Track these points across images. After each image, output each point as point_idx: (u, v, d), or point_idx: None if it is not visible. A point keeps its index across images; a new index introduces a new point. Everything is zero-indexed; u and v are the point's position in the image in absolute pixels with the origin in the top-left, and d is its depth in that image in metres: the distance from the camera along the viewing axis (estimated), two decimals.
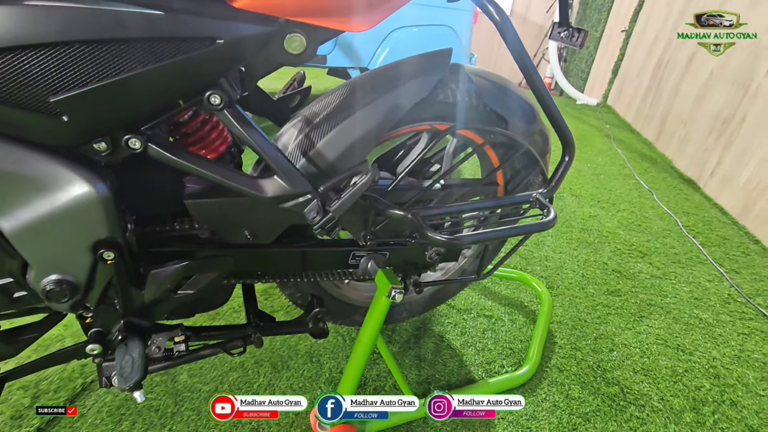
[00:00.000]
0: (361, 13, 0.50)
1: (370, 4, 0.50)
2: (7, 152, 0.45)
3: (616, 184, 2.30)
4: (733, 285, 1.48)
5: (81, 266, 0.53)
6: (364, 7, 0.50)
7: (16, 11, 0.38)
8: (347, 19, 0.51)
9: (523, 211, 0.76)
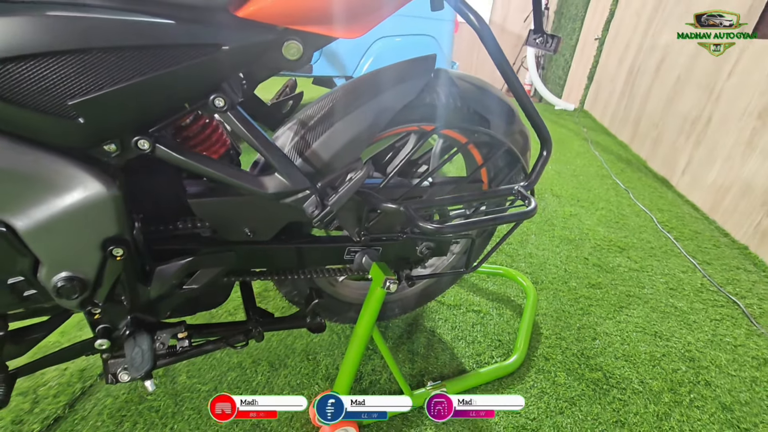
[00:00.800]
0: (353, 21, 0.55)
1: (361, 13, 0.55)
2: (24, 154, 0.48)
3: (594, 184, 2.40)
4: (706, 275, 1.56)
5: (91, 263, 0.55)
6: (355, 16, 0.55)
7: (39, 20, 0.41)
8: (340, 27, 0.55)
9: (509, 203, 0.81)
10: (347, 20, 0.54)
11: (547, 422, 0.93)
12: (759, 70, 1.95)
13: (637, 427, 0.94)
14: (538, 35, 0.87)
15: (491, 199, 0.84)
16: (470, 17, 0.65)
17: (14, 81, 0.42)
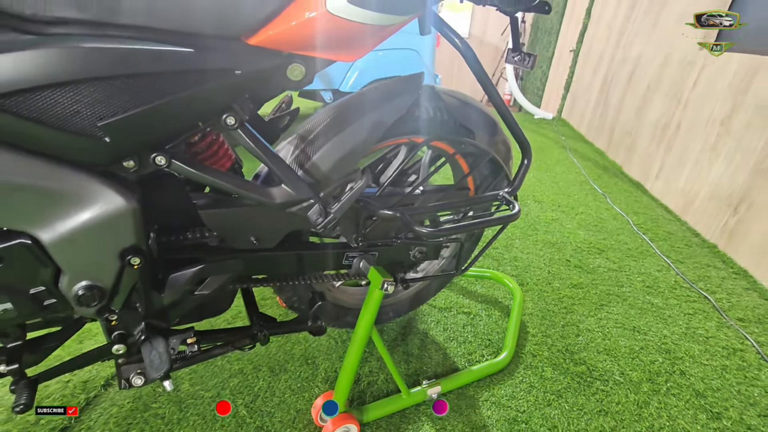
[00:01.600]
0: (351, 46, 0.61)
1: (358, 39, 0.61)
2: (52, 171, 0.51)
3: (573, 190, 2.50)
4: (679, 273, 1.66)
5: (110, 272, 0.59)
6: (353, 42, 0.60)
7: (73, 51, 0.46)
8: (340, 52, 0.61)
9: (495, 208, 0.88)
10: (346, 46, 0.60)
11: (536, 414, 0.99)
12: (721, 81, 2.10)
13: (620, 415, 1.00)
14: (517, 53, 0.94)
15: (478, 205, 0.91)
16: (455, 40, 0.72)
17: (50, 106, 0.46)
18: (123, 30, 0.48)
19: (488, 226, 0.81)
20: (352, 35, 0.58)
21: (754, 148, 1.81)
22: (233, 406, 0.93)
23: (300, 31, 0.55)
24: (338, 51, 0.60)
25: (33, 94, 0.45)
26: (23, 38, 0.44)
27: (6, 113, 0.45)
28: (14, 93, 0.45)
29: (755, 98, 1.85)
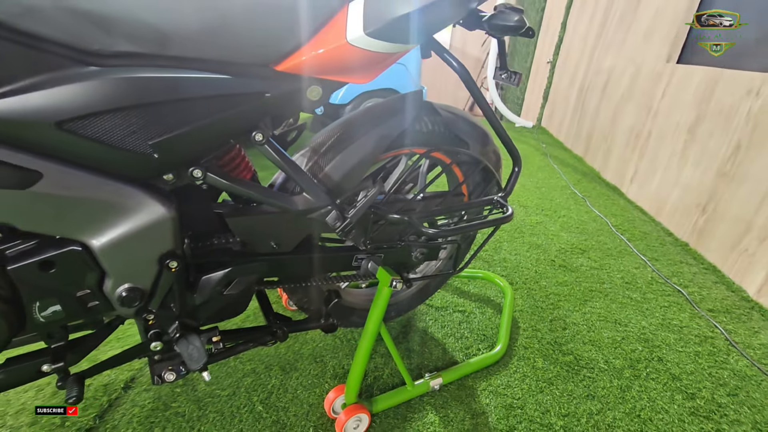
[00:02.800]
0: (365, 71, 0.69)
1: (371, 65, 0.69)
2: (104, 185, 0.58)
3: (555, 194, 2.64)
4: (654, 270, 1.79)
5: (150, 275, 0.65)
6: (367, 67, 0.69)
7: (131, 80, 0.52)
8: (354, 76, 0.69)
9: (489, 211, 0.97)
10: (361, 71, 0.68)
11: (530, 400, 1.07)
12: (686, 91, 2.27)
13: (605, 399, 1.10)
14: (503, 71, 1.04)
15: (475, 209, 1.00)
16: (453, 64, 0.82)
17: (110, 128, 0.53)
18: (171, 60, 0.55)
19: (485, 227, 0.90)
20: (367, 62, 0.66)
21: (717, 154, 1.96)
22: (250, 403, 0.99)
23: (323, 58, 0.63)
24: (353, 75, 0.69)
25: (97, 118, 0.52)
26: (90, 70, 0.51)
27: (73, 134, 0.52)
28: (81, 117, 0.51)
29: (717, 107, 2.01)
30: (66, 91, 0.50)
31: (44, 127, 0.50)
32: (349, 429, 0.92)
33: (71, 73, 0.50)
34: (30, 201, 0.54)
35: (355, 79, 0.70)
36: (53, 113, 0.50)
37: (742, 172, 1.80)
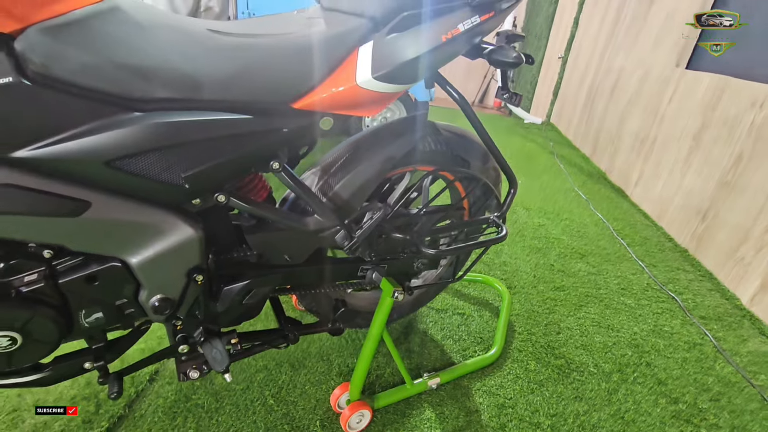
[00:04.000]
0: (372, 106, 0.76)
1: (378, 102, 0.76)
2: (142, 209, 0.66)
3: (559, 197, 2.68)
4: (651, 276, 1.84)
5: (179, 287, 0.74)
6: (374, 104, 0.76)
7: (168, 124, 0.60)
8: (362, 110, 0.76)
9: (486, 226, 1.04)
10: (368, 106, 0.75)
11: (521, 400, 1.15)
12: (692, 98, 2.28)
13: (592, 401, 1.17)
14: (505, 92, 1.10)
15: (472, 227, 1.07)
16: (454, 95, 0.88)
17: (149, 164, 0.61)
18: (202, 103, 0.63)
19: (480, 247, 0.97)
20: (374, 100, 0.73)
21: (719, 162, 1.99)
22: (262, 397, 1.08)
23: (335, 97, 0.70)
24: (361, 109, 0.76)
25: (139, 157, 0.60)
26: (133, 115, 0.58)
27: (118, 171, 0.60)
28: (126, 156, 0.59)
29: (722, 116, 2.03)
30: (113, 135, 0.57)
31: (95, 165, 0.58)
32: (352, 423, 1.01)
33: (117, 118, 0.58)
34: (79, 226, 0.62)
35: (363, 112, 0.76)
36: (103, 154, 0.57)
37: (743, 182, 1.84)
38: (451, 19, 0.74)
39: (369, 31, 0.71)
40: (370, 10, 0.71)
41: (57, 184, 0.58)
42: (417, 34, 0.71)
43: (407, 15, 0.71)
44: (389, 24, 0.71)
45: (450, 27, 0.74)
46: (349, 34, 0.69)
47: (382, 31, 0.71)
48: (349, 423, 1.00)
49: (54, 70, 0.52)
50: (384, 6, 0.70)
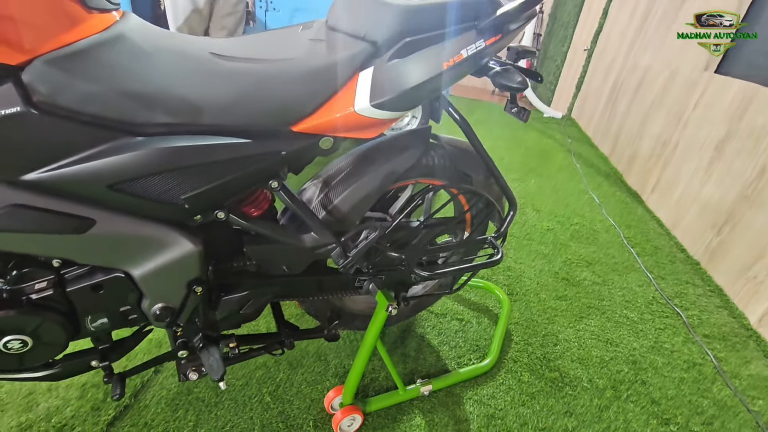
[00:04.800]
0: (370, 130, 0.76)
1: (375, 127, 0.76)
2: (145, 226, 0.68)
3: (572, 199, 2.64)
4: (658, 289, 1.82)
5: (179, 297, 0.77)
6: (372, 128, 0.76)
7: (169, 150, 0.62)
8: (361, 132, 0.76)
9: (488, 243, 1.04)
10: (366, 130, 0.75)
11: (511, 412, 1.18)
12: (719, 105, 2.19)
13: (582, 416, 1.19)
14: (513, 106, 1.08)
15: (469, 247, 1.07)
16: (455, 117, 0.87)
17: (150, 187, 0.63)
18: (203, 128, 0.64)
19: (472, 271, 0.98)
20: (373, 124, 0.73)
21: (742, 175, 1.93)
22: (259, 394, 1.13)
23: (333, 122, 0.71)
24: (360, 132, 0.76)
25: (140, 180, 0.62)
26: (136, 140, 0.60)
27: (120, 193, 0.62)
28: (127, 180, 0.61)
29: (748, 126, 1.95)
30: (115, 160, 0.59)
31: (98, 188, 0.60)
32: (343, 426, 1.05)
33: (120, 143, 0.60)
34: (85, 242, 0.65)
35: (363, 135, 0.77)
36: (105, 178, 0.60)
37: (764, 197, 1.77)
38: (456, 44, 0.73)
39: (370, 56, 0.70)
40: (372, 35, 0.70)
41: (64, 204, 0.61)
42: (418, 61, 0.71)
43: (410, 41, 0.71)
44: (391, 50, 0.70)
45: (453, 53, 0.73)
46: (349, 60, 0.69)
47: (384, 56, 0.71)
48: (340, 426, 1.04)
49: (59, 99, 0.54)
50: (386, 31, 0.70)
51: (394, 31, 0.70)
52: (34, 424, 0.99)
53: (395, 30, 0.70)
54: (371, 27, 0.70)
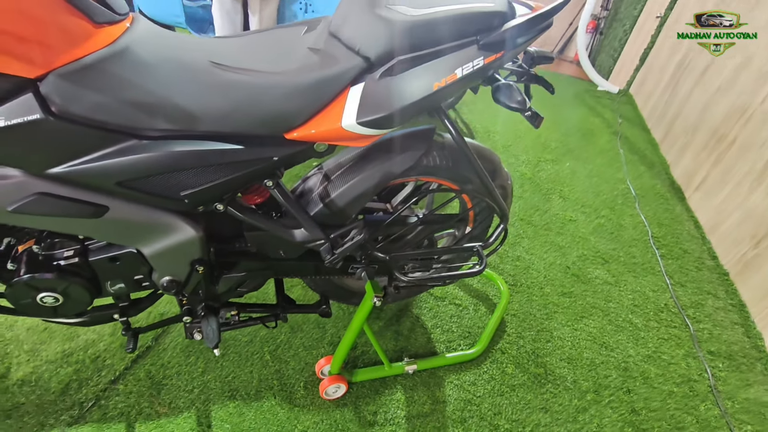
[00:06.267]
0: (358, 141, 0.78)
1: (362, 140, 0.78)
2: (153, 213, 0.77)
3: (605, 188, 2.51)
4: (673, 296, 1.77)
5: (183, 273, 0.87)
6: (359, 141, 0.78)
7: (170, 153, 0.68)
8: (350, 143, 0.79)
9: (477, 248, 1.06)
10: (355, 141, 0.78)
11: (488, 400, 1.25)
12: None
13: (557, 415, 1.25)
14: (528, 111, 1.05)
15: (455, 253, 1.10)
16: (452, 131, 0.87)
17: (151, 185, 0.71)
18: (200, 134, 0.70)
19: (450, 279, 1.02)
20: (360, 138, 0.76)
21: None
22: (261, 351, 1.27)
23: (323, 134, 0.74)
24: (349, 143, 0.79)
25: (143, 179, 0.69)
26: (142, 143, 0.67)
27: (126, 188, 0.70)
28: (136, 178, 0.69)
29: None
30: (121, 161, 0.67)
31: (108, 184, 0.69)
32: (329, 391, 1.17)
33: (126, 146, 0.67)
34: (100, 224, 0.75)
35: (353, 144, 0.80)
36: (113, 177, 0.68)
37: None
38: (450, 62, 0.72)
39: (362, 71, 0.71)
40: (365, 50, 0.70)
41: (81, 193, 0.70)
42: (408, 81, 0.71)
43: (402, 59, 0.70)
44: (383, 67, 0.71)
45: (446, 72, 0.71)
46: (340, 75, 0.70)
47: (375, 73, 0.71)
48: (326, 391, 1.16)
49: (71, 108, 0.61)
50: (378, 48, 0.70)
51: (386, 49, 0.69)
52: (74, 353, 1.19)
53: (387, 48, 0.69)
54: (365, 42, 0.70)
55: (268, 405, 1.16)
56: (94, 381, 1.13)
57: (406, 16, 0.69)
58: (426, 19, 0.69)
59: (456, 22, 0.71)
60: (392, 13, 0.70)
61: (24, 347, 1.19)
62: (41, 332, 1.23)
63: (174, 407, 1.11)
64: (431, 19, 0.70)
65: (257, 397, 1.17)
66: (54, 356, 1.18)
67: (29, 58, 0.56)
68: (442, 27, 0.70)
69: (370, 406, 1.19)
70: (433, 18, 0.70)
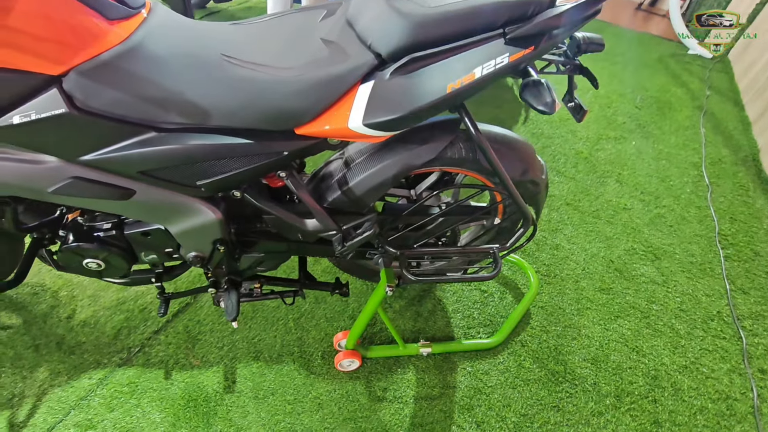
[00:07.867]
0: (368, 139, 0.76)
1: (371, 138, 0.75)
2: (176, 197, 0.82)
3: (674, 174, 2.25)
4: (730, 304, 1.60)
5: (207, 250, 0.93)
6: (371, 138, 0.75)
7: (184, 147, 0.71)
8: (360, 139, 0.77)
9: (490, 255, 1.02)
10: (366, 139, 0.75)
11: (499, 391, 1.26)
12: None
13: (570, 415, 1.23)
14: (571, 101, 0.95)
15: (468, 256, 1.06)
16: (472, 131, 0.80)
17: (169, 174, 0.75)
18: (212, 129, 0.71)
19: (461, 282, 0.98)
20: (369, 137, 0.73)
21: None
22: (286, 318, 1.36)
23: (331, 132, 0.73)
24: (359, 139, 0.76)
25: (162, 170, 0.73)
26: (159, 135, 0.70)
27: (148, 176, 0.75)
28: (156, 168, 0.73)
29: None
30: (141, 153, 0.71)
31: (131, 172, 0.73)
32: (344, 364, 1.23)
33: (143, 138, 0.70)
34: (129, 205, 0.81)
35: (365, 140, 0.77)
36: (135, 166, 0.72)
37: None
38: (470, 59, 0.65)
39: (373, 68, 0.67)
40: (377, 45, 0.66)
41: (111, 178, 0.76)
42: (420, 82, 0.66)
43: (415, 57, 0.65)
44: (394, 65, 0.66)
45: (463, 71, 0.65)
46: (350, 72, 0.67)
47: (386, 70, 0.67)
48: (341, 363, 1.23)
49: (91, 103, 0.64)
50: (390, 45, 0.65)
51: (398, 45, 0.64)
52: (126, 301, 1.35)
53: (399, 44, 0.64)
54: (377, 36, 0.66)
55: (288, 369, 1.25)
56: (140, 329, 1.29)
57: (422, 8, 0.63)
58: (444, 11, 0.63)
59: (479, 15, 0.63)
60: (408, 5, 0.64)
61: (87, 292, 1.36)
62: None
63: (205, 361, 1.24)
64: (450, 11, 0.63)
65: (278, 360, 1.27)
66: (110, 303, 1.34)
67: (51, 56, 0.60)
68: (462, 20, 0.63)
69: (381, 382, 1.24)
70: (452, 10, 0.63)
